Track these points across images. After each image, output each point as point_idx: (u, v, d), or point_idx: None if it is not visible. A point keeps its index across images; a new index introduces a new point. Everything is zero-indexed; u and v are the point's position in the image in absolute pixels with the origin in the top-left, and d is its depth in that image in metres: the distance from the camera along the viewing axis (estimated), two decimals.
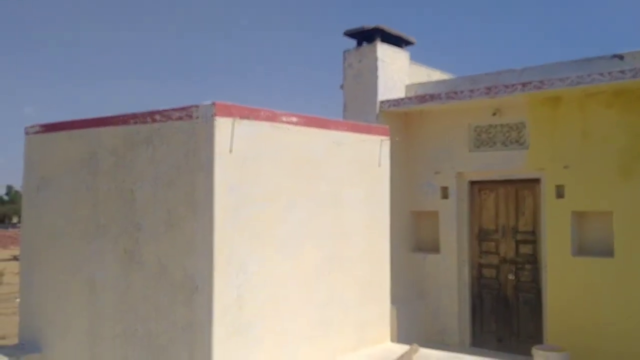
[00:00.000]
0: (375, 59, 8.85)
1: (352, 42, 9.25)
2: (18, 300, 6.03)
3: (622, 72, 6.88)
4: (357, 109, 9.04)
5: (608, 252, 7.44)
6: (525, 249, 8.31)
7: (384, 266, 5.41)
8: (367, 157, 5.26)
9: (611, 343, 7.22)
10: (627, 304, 7.17)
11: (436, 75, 10.02)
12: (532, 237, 8.24)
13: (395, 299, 8.46)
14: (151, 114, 4.22)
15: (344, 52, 9.24)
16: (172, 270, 3.95)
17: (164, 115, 4.13)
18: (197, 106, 3.94)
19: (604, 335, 7.28)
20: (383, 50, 8.92)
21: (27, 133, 5.20)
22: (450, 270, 8.77)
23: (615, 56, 7.49)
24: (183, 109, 4.02)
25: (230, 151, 3.90)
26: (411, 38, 9.40)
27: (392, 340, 5.59)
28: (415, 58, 9.64)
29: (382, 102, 8.81)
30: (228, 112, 3.91)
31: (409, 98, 8.76)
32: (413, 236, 9.33)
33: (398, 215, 8.86)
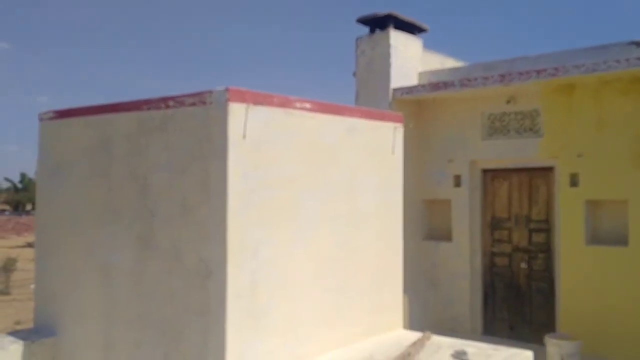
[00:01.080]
0: (388, 46, 8.78)
1: (365, 29, 9.19)
2: (33, 286, 6.09)
3: (639, 59, 6.78)
4: (370, 96, 8.99)
5: (622, 241, 7.38)
6: (538, 238, 8.27)
7: (397, 253, 5.40)
8: (381, 145, 5.23)
9: (624, 332, 7.18)
10: None
11: (449, 62, 9.94)
12: (546, 226, 8.20)
13: (407, 287, 8.46)
14: (164, 100, 4.21)
15: (357, 39, 9.18)
16: (186, 255, 3.97)
17: (177, 101, 4.13)
18: (210, 92, 3.93)
19: (616, 325, 7.25)
20: (396, 37, 8.85)
21: (41, 119, 5.22)
22: (462, 259, 8.75)
23: (632, 43, 7.38)
24: (196, 94, 4.02)
25: (244, 137, 3.89)
26: (424, 25, 9.32)
27: (404, 328, 5.60)
28: (428, 45, 9.57)
29: (394, 89, 8.76)
30: (241, 97, 3.90)
31: (422, 85, 8.70)
32: (425, 224, 9.31)
33: (410, 203, 8.83)
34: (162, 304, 4.10)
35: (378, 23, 9.05)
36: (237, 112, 3.86)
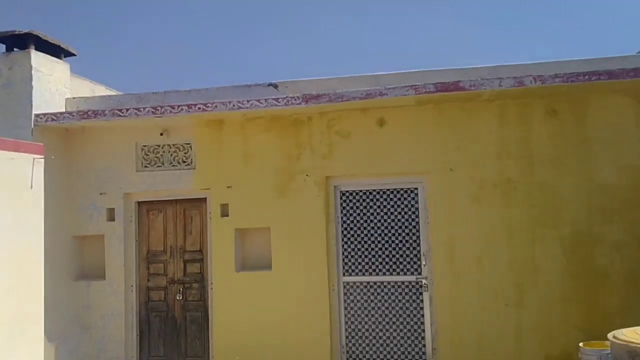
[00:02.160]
0: (30, 67, 7.98)
1: (1, 47, 8.18)
2: None
3: (277, 99, 7.57)
4: (8, 122, 7.99)
5: (267, 266, 8.05)
6: (193, 268, 8.42)
7: (37, 300, 4.81)
8: (16, 178, 4.62)
9: (273, 355, 7.77)
10: (283, 315, 7.82)
11: (101, 90, 9.55)
12: (200, 256, 8.41)
13: (54, 335, 7.66)
14: None
15: None
16: None
17: None
18: None
19: (265, 348, 7.79)
20: (38, 59, 8.10)
21: None
22: (116, 297, 8.34)
23: (270, 85, 8.22)
24: None
25: None
26: (72, 48, 8.74)
27: None
28: (78, 71, 9.03)
29: (37, 115, 7.95)
30: None
31: (70, 113, 8.10)
32: (76, 263, 8.60)
33: (59, 241, 8.12)
34: None
35: (17, 42, 8.14)
36: None
